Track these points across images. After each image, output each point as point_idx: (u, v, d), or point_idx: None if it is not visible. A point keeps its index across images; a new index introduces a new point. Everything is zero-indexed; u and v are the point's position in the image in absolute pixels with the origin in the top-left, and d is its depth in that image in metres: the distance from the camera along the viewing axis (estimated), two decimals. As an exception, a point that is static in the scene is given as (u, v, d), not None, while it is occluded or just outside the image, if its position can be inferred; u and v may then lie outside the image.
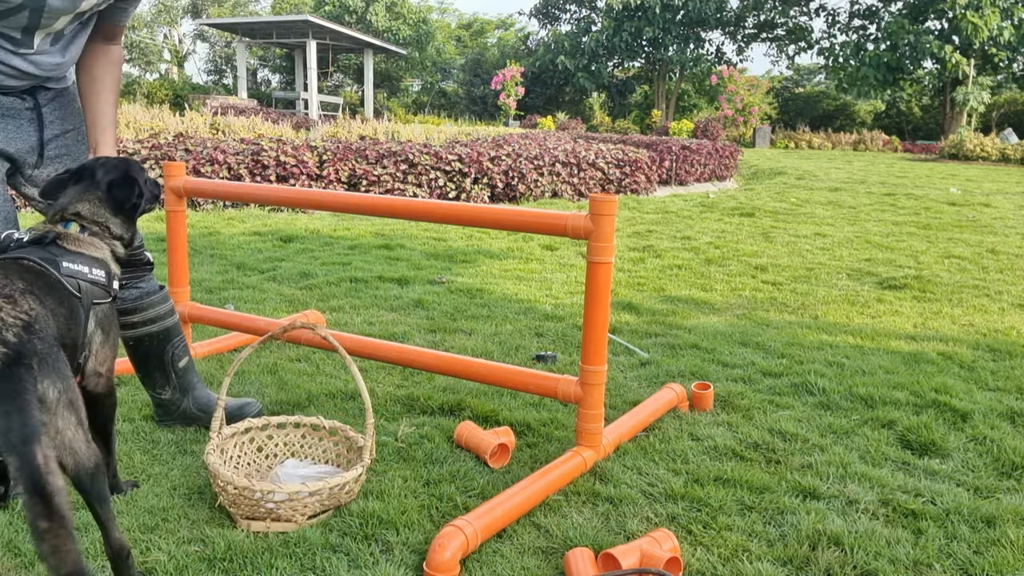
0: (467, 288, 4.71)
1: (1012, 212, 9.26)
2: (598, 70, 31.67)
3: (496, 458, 2.41)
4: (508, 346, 3.63)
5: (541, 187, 9.38)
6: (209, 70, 41.20)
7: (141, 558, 1.86)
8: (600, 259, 2.26)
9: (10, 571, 1.80)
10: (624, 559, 1.82)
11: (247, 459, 2.29)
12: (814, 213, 8.82)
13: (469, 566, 1.88)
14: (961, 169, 16.65)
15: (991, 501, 2.25)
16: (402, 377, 3.16)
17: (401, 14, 34.31)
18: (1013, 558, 1.97)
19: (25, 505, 1.40)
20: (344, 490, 2.06)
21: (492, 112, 31.60)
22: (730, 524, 2.09)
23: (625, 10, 30.04)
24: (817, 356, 3.59)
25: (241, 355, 2.16)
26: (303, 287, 4.65)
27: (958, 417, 2.87)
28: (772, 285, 5.11)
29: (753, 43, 33.26)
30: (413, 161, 8.46)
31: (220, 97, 22.78)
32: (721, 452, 2.54)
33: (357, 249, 5.90)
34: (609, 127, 30.23)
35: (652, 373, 3.31)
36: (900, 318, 4.35)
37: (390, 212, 2.68)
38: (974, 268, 5.82)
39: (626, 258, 5.92)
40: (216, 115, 13.84)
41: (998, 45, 25.18)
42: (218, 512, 2.07)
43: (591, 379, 2.36)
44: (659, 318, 4.21)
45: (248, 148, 8.02)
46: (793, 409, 2.94)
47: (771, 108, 31.71)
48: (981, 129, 27.04)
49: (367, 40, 27.15)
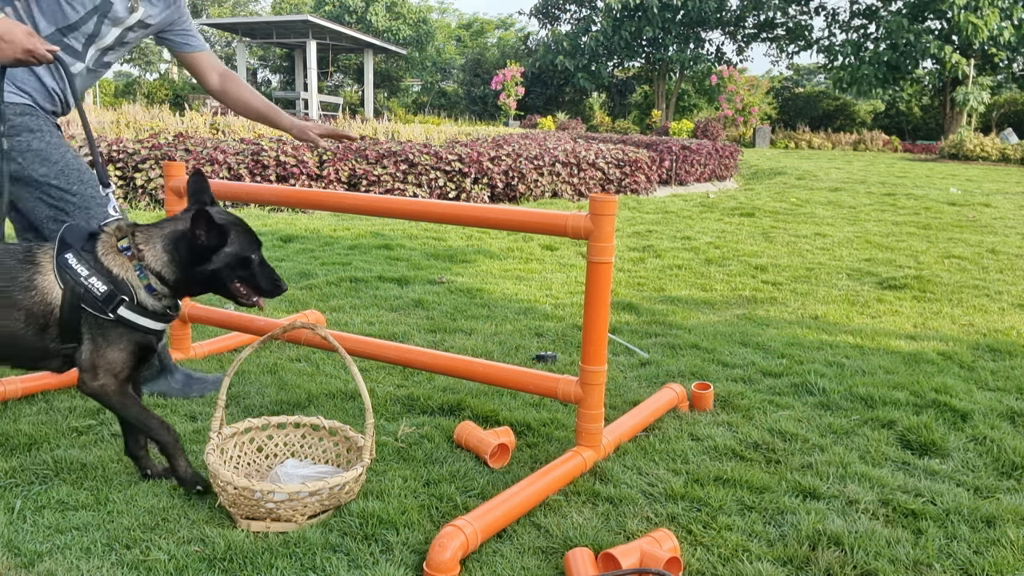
0: (467, 288, 4.71)
1: (1012, 212, 9.26)
2: (598, 70, 31.66)
3: (496, 458, 2.41)
4: (508, 346, 3.63)
5: (541, 187, 9.38)
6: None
7: (141, 557, 1.86)
8: (600, 259, 2.26)
9: (10, 571, 1.80)
10: (624, 559, 1.82)
11: (247, 459, 2.29)
12: (814, 213, 8.82)
13: (469, 566, 1.88)
14: (961, 169, 16.65)
15: (991, 501, 2.25)
16: (402, 377, 3.16)
17: (401, 14, 34.32)
18: (1013, 558, 1.97)
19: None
20: (344, 490, 2.06)
21: (492, 112, 31.59)
22: (730, 524, 2.09)
23: (625, 10, 30.04)
24: (817, 356, 3.59)
25: (241, 355, 2.16)
26: (303, 287, 4.65)
27: (958, 417, 2.87)
28: (772, 285, 5.11)
29: (753, 43, 33.28)
30: (413, 161, 8.46)
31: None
32: (721, 452, 2.54)
33: (357, 249, 5.90)
34: (609, 127, 30.23)
35: (652, 373, 3.31)
36: (900, 318, 4.35)
37: (390, 212, 2.68)
38: (974, 268, 5.82)
39: (626, 258, 5.92)
40: (216, 115, 13.84)
41: (998, 45, 25.17)
42: (218, 512, 2.07)
43: (591, 379, 2.36)
44: (659, 318, 4.21)
45: (248, 148, 8.02)
46: (793, 409, 2.94)
47: (771, 108, 31.72)
48: (981, 129, 27.04)
49: (367, 40, 27.15)
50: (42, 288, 2.02)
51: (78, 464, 2.29)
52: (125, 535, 1.94)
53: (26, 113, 2.46)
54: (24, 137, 2.44)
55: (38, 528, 1.97)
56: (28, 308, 2.02)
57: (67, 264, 2.03)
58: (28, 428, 2.51)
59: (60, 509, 2.06)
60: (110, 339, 2.06)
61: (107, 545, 1.90)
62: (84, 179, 2.56)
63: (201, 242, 2.07)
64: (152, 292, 2.10)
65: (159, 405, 2.78)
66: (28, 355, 2.08)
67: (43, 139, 2.48)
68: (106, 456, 2.35)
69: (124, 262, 2.08)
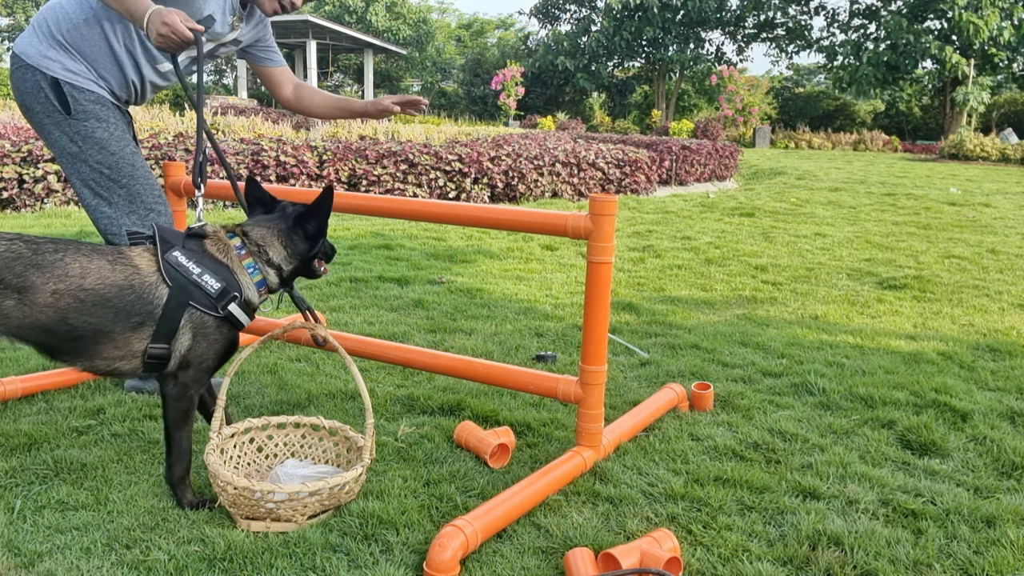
0: (467, 288, 4.71)
1: (1012, 212, 9.26)
2: (598, 70, 31.65)
3: (496, 458, 2.41)
4: (508, 346, 3.63)
5: (541, 187, 9.38)
6: (209, 70, 41.18)
7: (141, 557, 1.86)
8: (600, 259, 2.26)
9: (10, 571, 1.80)
10: (624, 559, 1.82)
11: (247, 459, 2.29)
12: (814, 213, 8.82)
13: (469, 566, 1.88)
14: (961, 169, 16.65)
15: (991, 501, 2.25)
16: (402, 377, 3.16)
17: (401, 14, 34.32)
18: (1013, 558, 1.97)
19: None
20: (344, 490, 2.06)
21: (492, 112, 31.58)
22: (730, 524, 2.09)
23: (625, 10, 30.02)
24: (817, 356, 3.59)
25: (241, 355, 2.16)
26: (303, 287, 4.65)
27: (958, 417, 2.87)
28: (772, 285, 5.11)
29: (753, 43, 33.26)
30: (413, 161, 8.46)
31: (220, 97, 22.77)
32: (721, 452, 2.54)
33: (357, 249, 5.90)
34: (609, 127, 30.22)
35: (652, 373, 3.31)
36: (900, 318, 4.35)
37: (390, 212, 2.68)
38: (974, 268, 5.82)
39: (626, 258, 5.92)
40: (216, 115, 13.84)
41: (998, 45, 25.17)
42: (218, 512, 2.07)
43: (591, 379, 2.36)
44: (659, 318, 4.21)
45: (248, 148, 8.02)
46: (793, 409, 2.94)
47: (771, 108, 31.70)
48: (981, 129, 27.03)
49: (367, 40, 27.15)
50: (139, 287, 2.02)
51: (78, 464, 2.29)
52: (125, 535, 1.94)
53: (99, 102, 2.57)
54: (91, 124, 2.56)
55: (38, 528, 1.97)
56: (121, 308, 2.00)
57: (176, 262, 2.05)
58: (28, 428, 2.51)
59: (60, 509, 2.06)
60: (210, 336, 2.08)
61: (107, 545, 1.90)
62: (137, 176, 2.63)
63: (312, 233, 2.22)
64: (260, 287, 2.17)
65: (159, 404, 2.77)
66: (110, 355, 2.04)
67: (107, 129, 2.58)
68: (106, 456, 2.35)
69: (237, 260, 2.13)
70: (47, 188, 7.14)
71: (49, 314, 1.94)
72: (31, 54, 2.52)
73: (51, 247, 1.99)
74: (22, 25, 34.30)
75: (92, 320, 1.98)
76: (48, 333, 1.97)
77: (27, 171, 7.10)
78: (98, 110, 2.57)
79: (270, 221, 2.22)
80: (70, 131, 2.54)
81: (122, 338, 2.01)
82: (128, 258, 2.05)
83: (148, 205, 2.64)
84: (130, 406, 2.75)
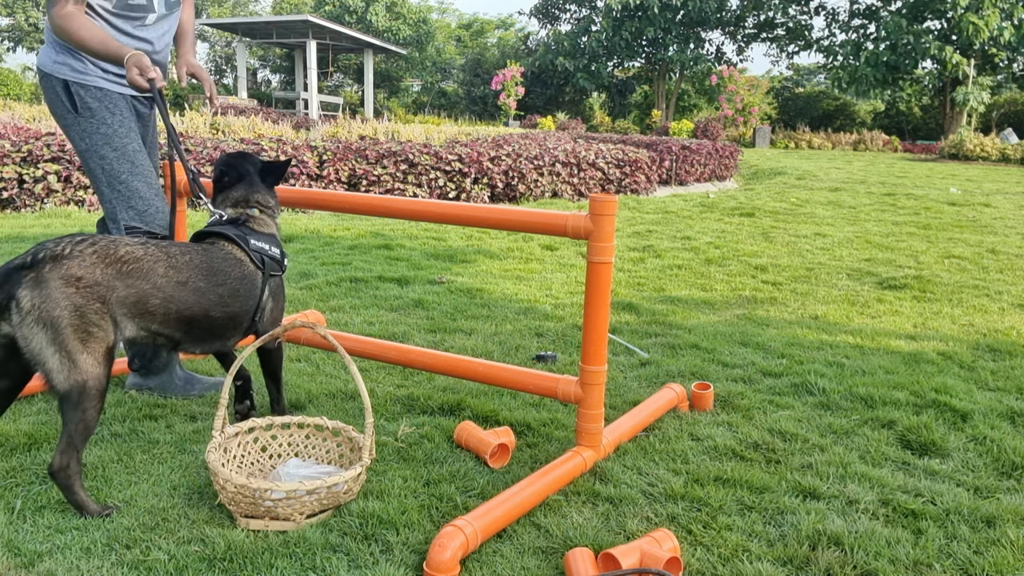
0: (467, 288, 4.71)
1: (1012, 212, 9.26)
2: (598, 70, 31.65)
3: (496, 458, 2.41)
4: (508, 346, 3.63)
5: (541, 187, 9.38)
6: (209, 70, 41.14)
7: (141, 557, 1.86)
8: (600, 259, 2.26)
9: (10, 571, 1.80)
10: (624, 559, 1.82)
11: (251, 458, 2.29)
12: (814, 213, 8.82)
13: (469, 566, 1.88)
14: (961, 169, 16.65)
15: (991, 501, 2.25)
16: (402, 377, 3.16)
17: (401, 14, 34.30)
18: (1013, 558, 1.97)
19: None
20: (343, 490, 2.06)
21: (492, 112, 31.58)
22: (730, 524, 2.09)
23: (625, 10, 30.02)
24: (817, 356, 3.59)
25: (241, 355, 2.16)
26: (303, 287, 4.65)
27: (958, 417, 2.87)
28: (772, 285, 5.11)
29: (753, 43, 33.25)
30: (413, 161, 8.46)
31: (220, 97, 22.72)
32: (721, 452, 2.54)
33: (357, 249, 5.90)
34: (609, 127, 30.22)
35: (652, 373, 3.31)
36: (900, 318, 4.35)
37: (390, 212, 2.68)
38: (974, 268, 5.82)
39: (626, 258, 5.92)
40: (216, 115, 13.83)
41: (998, 45, 25.16)
42: (218, 512, 2.07)
43: (591, 379, 2.36)
44: (659, 318, 4.21)
45: (248, 148, 8.02)
46: (793, 409, 2.94)
47: (771, 108, 31.70)
48: (981, 129, 27.03)
49: (367, 40, 27.14)
50: (251, 276, 2.38)
51: (78, 464, 2.28)
52: (125, 535, 1.94)
53: (104, 99, 2.68)
54: (94, 121, 2.68)
55: (38, 528, 1.97)
56: (246, 295, 2.35)
57: (256, 246, 2.40)
58: (28, 428, 2.51)
59: (60, 509, 2.06)
60: (276, 293, 2.48)
61: (107, 545, 1.90)
62: (136, 172, 2.72)
63: (273, 184, 2.68)
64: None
65: (159, 404, 2.78)
66: (232, 336, 2.40)
67: (111, 126, 2.69)
68: (106, 456, 2.35)
69: (273, 224, 2.56)
70: (47, 188, 7.14)
71: (195, 311, 2.22)
72: (46, 63, 2.69)
73: (177, 250, 2.25)
74: (22, 25, 34.33)
75: (229, 310, 2.31)
76: (191, 324, 2.24)
77: (27, 171, 7.10)
78: (102, 107, 2.68)
79: (253, 185, 2.58)
80: (79, 129, 2.69)
81: (245, 318, 2.37)
82: (231, 252, 2.36)
83: (146, 201, 2.72)
84: (130, 406, 2.75)
